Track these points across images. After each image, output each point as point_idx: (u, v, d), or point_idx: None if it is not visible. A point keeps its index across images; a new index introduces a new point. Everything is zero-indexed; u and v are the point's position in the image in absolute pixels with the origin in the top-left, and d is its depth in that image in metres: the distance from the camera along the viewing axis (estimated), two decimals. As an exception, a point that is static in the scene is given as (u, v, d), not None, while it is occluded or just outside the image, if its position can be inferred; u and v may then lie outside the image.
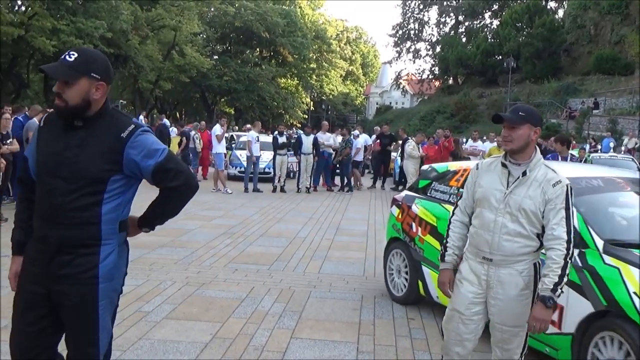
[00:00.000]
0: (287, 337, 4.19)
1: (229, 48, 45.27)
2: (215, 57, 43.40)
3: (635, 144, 18.91)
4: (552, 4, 43.92)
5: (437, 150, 14.01)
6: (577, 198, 3.65)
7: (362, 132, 18.29)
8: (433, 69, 51.51)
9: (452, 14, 50.39)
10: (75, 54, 2.16)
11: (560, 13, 43.03)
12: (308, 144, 14.13)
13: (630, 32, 30.79)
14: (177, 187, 2.27)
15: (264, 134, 19.28)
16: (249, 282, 5.63)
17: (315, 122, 45.00)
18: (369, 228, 9.32)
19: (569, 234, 2.68)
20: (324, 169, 15.37)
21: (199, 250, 6.92)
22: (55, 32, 21.83)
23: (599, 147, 19.43)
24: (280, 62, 46.76)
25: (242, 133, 20.86)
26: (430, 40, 52.69)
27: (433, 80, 51.94)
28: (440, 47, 48.31)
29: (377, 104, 63.46)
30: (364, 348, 4.06)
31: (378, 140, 16.63)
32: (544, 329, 2.68)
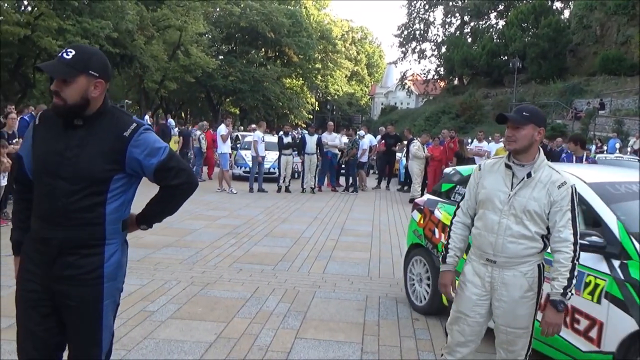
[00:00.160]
0: (291, 337, 4.20)
1: (234, 48, 45.36)
2: (221, 57, 43.54)
3: (642, 145, 18.79)
4: (558, 4, 43.84)
5: (442, 151, 13.95)
6: (616, 204, 3.47)
7: (367, 132, 18.27)
8: (438, 70, 51.51)
9: (457, 14, 50.35)
10: (73, 52, 2.12)
11: (566, 13, 42.94)
12: (312, 144, 14.13)
13: (637, 32, 30.60)
14: (178, 185, 2.27)
15: (269, 134, 19.31)
16: (254, 282, 5.64)
17: (321, 122, 45.11)
18: (374, 228, 9.32)
19: (575, 236, 2.69)
20: (329, 169, 15.38)
21: (204, 250, 6.93)
22: (61, 32, 21.94)
23: (605, 148, 19.33)
24: (286, 62, 46.84)
25: (247, 133, 20.90)
26: (436, 41, 52.79)
27: (438, 81, 51.95)
28: (446, 47, 48.24)
29: (382, 105, 63.38)
30: (369, 348, 4.06)
31: (383, 141, 16.58)
32: (557, 332, 2.71)
